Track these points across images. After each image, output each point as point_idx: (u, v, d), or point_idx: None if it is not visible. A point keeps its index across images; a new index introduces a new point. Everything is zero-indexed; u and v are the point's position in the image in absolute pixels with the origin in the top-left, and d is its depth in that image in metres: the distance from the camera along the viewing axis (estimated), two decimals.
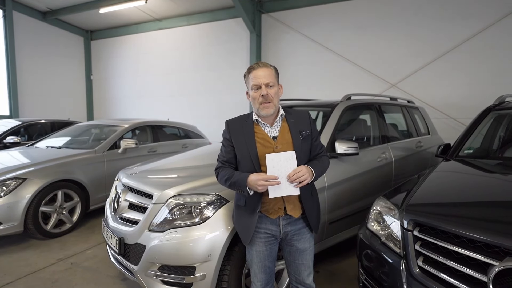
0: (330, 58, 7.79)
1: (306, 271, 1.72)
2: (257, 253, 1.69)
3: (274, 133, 1.65)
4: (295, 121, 1.68)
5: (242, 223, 1.70)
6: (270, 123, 1.66)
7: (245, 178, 1.53)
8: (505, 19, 6.13)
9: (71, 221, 3.87)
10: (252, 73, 1.60)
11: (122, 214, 2.38)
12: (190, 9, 9.40)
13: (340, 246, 3.03)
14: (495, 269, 1.28)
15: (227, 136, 1.70)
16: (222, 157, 1.73)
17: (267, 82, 1.58)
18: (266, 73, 1.59)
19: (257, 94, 1.59)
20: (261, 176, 1.49)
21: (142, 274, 2.05)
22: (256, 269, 1.71)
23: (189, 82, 9.92)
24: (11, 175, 3.44)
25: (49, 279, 2.78)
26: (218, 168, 1.73)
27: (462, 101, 6.56)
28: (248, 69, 1.65)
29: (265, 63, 1.64)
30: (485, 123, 2.87)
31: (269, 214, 1.65)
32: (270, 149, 1.60)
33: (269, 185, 1.48)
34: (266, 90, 1.57)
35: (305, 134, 1.66)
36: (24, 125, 6.37)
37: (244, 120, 1.70)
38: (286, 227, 1.67)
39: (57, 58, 10.80)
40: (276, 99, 1.61)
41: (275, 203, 1.62)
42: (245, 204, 1.66)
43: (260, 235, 1.67)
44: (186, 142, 5.77)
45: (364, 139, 3.54)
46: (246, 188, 1.54)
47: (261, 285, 1.72)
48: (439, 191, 2.00)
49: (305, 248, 1.70)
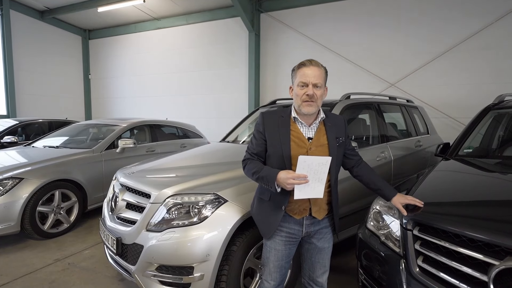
0: (329, 58, 7.79)
1: (321, 269, 1.72)
2: (275, 252, 1.66)
3: (310, 134, 1.61)
4: (332, 126, 1.65)
5: (264, 217, 1.67)
6: (308, 123, 1.62)
7: (274, 174, 1.48)
8: (505, 18, 6.13)
9: (68, 221, 3.85)
10: (302, 70, 1.55)
11: (119, 214, 2.36)
12: (188, 8, 9.38)
13: (340, 246, 3.02)
14: (495, 268, 1.27)
15: (261, 129, 1.65)
16: (252, 149, 1.67)
17: (316, 82, 1.53)
18: (317, 73, 1.54)
19: (303, 91, 1.54)
20: (291, 174, 1.44)
21: (140, 275, 2.04)
22: (272, 268, 1.68)
23: (188, 82, 9.89)
24: (8, 175, 3.42)
25: (46, 279, 2.76)
26: (246, 159, 1.68)
27: (461, 101, 6.57)
28: (298, 64, 1.58)
29: (317, 62, 1.57)
30: (485, 122, 2.86)
31: (293, 214, 1.62)
32: (304, 149, 1.57)
33: (297, 183, 1.44)
34: (313, 90, 1.52)
35: (341, 140, 1.65)
36: (21, 125, 6.33)
37: (280, 115, 1.65)
38: (309, 227, 1.65)
39: (55, 58, 10.76)
40: (320, 100, 1.57)
41: (301, 203, 1.60)
42: (270, 199, 1.63)
43: (281, 234, 1.64)
44: (185, 142, 5.76)
45: (363, 138, 3.53)
46: (274, 184, 1.48)
47: (274, 284, 1.70)
48: (439, 190, 1.99)
49: (324, 247, 1.70)
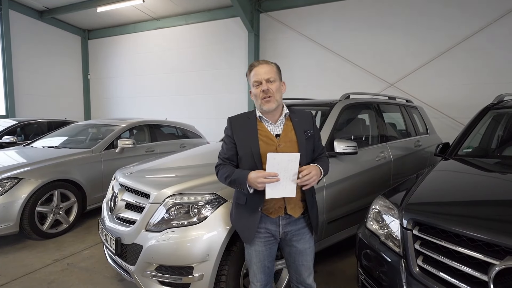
0: (329, 58, 7.79)
1: (306, 271, 1.72)
2: (256, 253, 1.67)
3: (277, 131, 1.63)
4: (299, 120, 1.67)
5: (243, 222, 1.67)
6: (273, 121, 1.64)
7: (245, 175, 1.51)
8: (504, 18, 6.13)
9: (67, 221, 3.84)
10: (253, 70, 1.62)
11: (119, 214, 2.36)
12: (188, 8, 9.37)
13: (339, 246, 3.01)
14: (495, 268, 1.27)
15: (229, 133, 1.68)
16: (223, 154, 1.70)
17: (268, 77, 1.58)
18: (267, 69, 1.60)
19: (258, 90, 1.59)
20: (261, 173, 1.47)
21: (139, 275, 2.03)
22: (256, 269, 1.69)
23: (187, 82, 9.88)
24: (7, 175, 3.41)
25: (45, 280, 2.75)
26: (218, 165, 1.70)
27: (461, 101, 6.57)
28: (249, 67, 1.65)
29: (266, 60, 1.66)
30: (484, 122, 2.86)
31: (269, 213, 1.63)
32: (273, 147, 1.58)
33: (268, 182, 1.45)
34: (266, 85, 1.57)
35: (309, 133, 1.65)
36: (20, 125, 6.32)
37: (247, 117, 1.68)
38: (286, 227, 1.65)
39: (54, 58, 10.73)
40: (277, 95, 1.59)
41: (276, 202, 1.61)
42: (246, 203, 1.63)
43: (259, 235, 1.65)
44: (184, 142, 5.75)
45: (362, 138, 3.53)
46: (246, 185, 1.51)
47: (260, 285, 1.71)
48: (439, 190, 1.99)
49: (304, 248, 1.69)
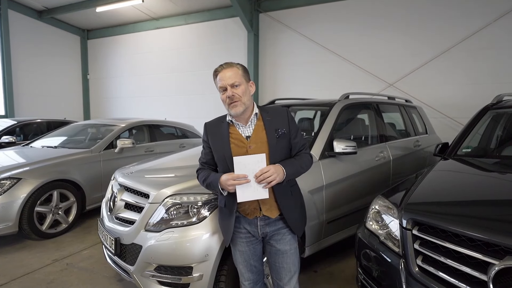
0: (328, 58, 7.79)
1: (287, 275, 1.64)
2: (240, 253, 1.68)
3: (248, 132, 1.62)
4: (271, 119, 1.63)
5: (224, 224, 1.69)
6: (244, 123, 1.62)
7: (217, 178, 1.55)
8: (503, 18, 6.13)
9: (66, 221, 3.83)
10: (218, 76, 1.58)
11: (118, 214, 2.35)
12: (187, 8, 9.36)
13: (339, 246, 3.01)
14: (495, 268, 1.27)
15: (205, 138, 1.72)
16: (202, 159, 1.76)
17: (232, 82, 1.54)
18: (230, 73, 1.55)
19: (224, 96, 1.57)
20: (230, 175, 1.48)
21: (138, 275, 2.03)
22: (242, 269, 1.71)
23: (187, 82, 9.88)
24: (6, 175, 3.40)
25: (44, 280, 2.75)
26: (198, 169, 1.76)
27: (460, 101, 6.57)
28: (214, 72, 1.61)
29: (230, 63, 1.60)
30: (483, 122, 2.86)
31: (246, 214, 1.63)
32: (244, 149, 1.58)
33: (237, 184, 1.46)
34: (231, 91, 1.54)
35: (281, 132, 1.60)
36: (19, 125, 6.31)
37: (220, 122, 1.69)
38: (264, 228, 1.63)
39: (53, 58, 10.71)
40: (245, 97, 1.56)
41: (250, 203, 1.60)
42: (225, 205, 1.65)
43: (241, 235, 1.66)
44: (184, 142, 5.74)
45: (362, 138, 3.53)
46: (219, 188, 1.55)
47: (249, 283, 1.71)
48: (438, 190, 1.99)
49: (285, 250, 1.63)
